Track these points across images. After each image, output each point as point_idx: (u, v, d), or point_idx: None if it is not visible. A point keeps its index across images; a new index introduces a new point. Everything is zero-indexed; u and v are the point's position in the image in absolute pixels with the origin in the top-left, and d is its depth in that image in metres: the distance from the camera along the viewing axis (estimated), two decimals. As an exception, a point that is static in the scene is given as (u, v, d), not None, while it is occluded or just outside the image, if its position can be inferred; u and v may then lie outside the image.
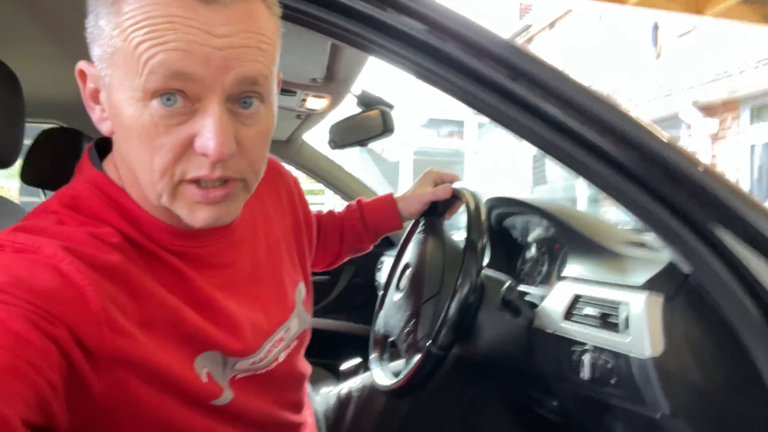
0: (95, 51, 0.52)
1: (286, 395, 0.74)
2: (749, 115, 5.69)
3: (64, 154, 1.41)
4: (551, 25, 10.56)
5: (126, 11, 0.48)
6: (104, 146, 0.63)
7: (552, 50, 9.60)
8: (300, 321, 0.77)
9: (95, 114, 0.56)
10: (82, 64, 0.55)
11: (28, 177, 1.41)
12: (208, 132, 0.49)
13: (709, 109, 5.98)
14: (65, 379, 0.45)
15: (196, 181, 0.53)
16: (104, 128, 0.56)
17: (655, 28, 7.76)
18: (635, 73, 7.82)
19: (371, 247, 1.11)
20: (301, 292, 0.79)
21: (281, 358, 0.71)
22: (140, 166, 0.52)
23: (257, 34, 0.51)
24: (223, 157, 0.50)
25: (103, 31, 0.50)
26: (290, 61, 0.56)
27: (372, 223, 1.06)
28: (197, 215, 0.54)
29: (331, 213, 1.08)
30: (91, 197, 0.57)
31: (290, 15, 0.60)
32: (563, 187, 7.79)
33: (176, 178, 0.52)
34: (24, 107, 0.88)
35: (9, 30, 1.07)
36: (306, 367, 0.81)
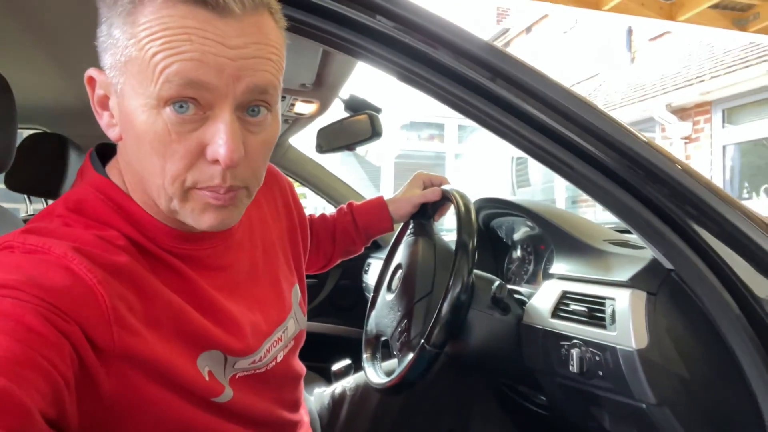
0: (107, 59, 0.53)
1: (284, 394, 0.76)
2: (721, 117, 5.85)
3: (48, 159, 1.40)
4: (528, 29, 10.70)
5: (142, 22, 0.49)
6: (103, 152, 0.64)
7: (529, 54, 9.72)
8: (296, 322, 0.78)
9: (103, 120, 0.57)
10: (92, 71, 0.56)
11: (13, 183, 1.39)
12: (219, 139, 0.51)
13: (682, 112, 6.13)
14: (76, 375, 0.46)
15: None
16: (112, 134, 0.57)
17: (629, 32, 7.93)
18: (610, 77, 7.97)
19: (362, 249, 1.13)
20: (297, 293, 0.81)
21: (279, 358, 0.73)
22: (151, 172, 0.54)
23: (267, 46, 0.53)
24: (233, 164, 0.52)
25: (117, 41, 0.51)
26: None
27: (363, 226, 1.08)
28: (204, 218, 0.56)
29: (323, 216, 1.10)
30: (95, 201, 0.58)
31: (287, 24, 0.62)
32: (542, 189, 7.88)
33: (187, 185, 0.54)
34: (16, 112, 0.88)
35: (-4, 35, 1.07)
36: (301, 367, 0.82)
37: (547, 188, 7.78)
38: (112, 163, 0.62)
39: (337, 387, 1.11)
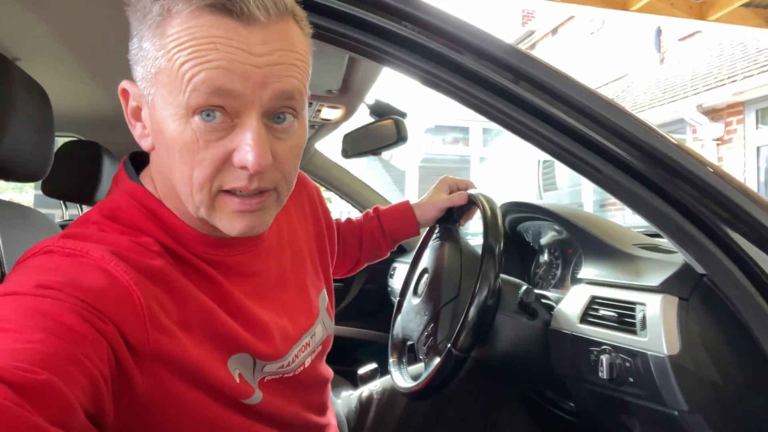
0: (138, 71, 0.55)
1: (312, 398, 0.77)
2: (754, 118, 5.69)
3: (83, 166, 1.44)
4: (554, 31, 10.60)
5: (170, 33, 0.51)
6: (137, 160, 0.66)
7: (555, 56, 9.62)
8: (324, 327, 0.79)
9: (136, 131, 0.59)
10: (125, 84, 0.58)
11: (49, 189, 1.44)
12: (246, 145, 0.52)
13: (714, 113, 5.98)
14: (113, 373, 0.48)
15: (233, 191, 0.56)
16: (145, 144, 0.59)
17: (658, 32, 7.78)
18: (639, 78, 7.83)
19: (389, 254, 1.13)
20: (324, 298, 0.81)
21: (307, 363, 0.74)
22: (180, 180, 0.55)
23: (292, 52, 0.54)
24: (261, 170, 0.53)
25: (148, 53, 0.52)
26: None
27: (389, 230, 1.09)
28: (235, 224, 0.57)
29: (349, 220, 1.10)
30: (129, 208, 0.60)
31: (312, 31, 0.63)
32: (569, 193, 7.76)
33: (214, 189, 0.55)
34: (53, 122, 0.91)
35: (35, 46, 1.11)
36: (329, 371, 0.83)
37: (574, 191, 7.67)
38: (146, 171, 0.64)
39: (364, 390, 1.12)
